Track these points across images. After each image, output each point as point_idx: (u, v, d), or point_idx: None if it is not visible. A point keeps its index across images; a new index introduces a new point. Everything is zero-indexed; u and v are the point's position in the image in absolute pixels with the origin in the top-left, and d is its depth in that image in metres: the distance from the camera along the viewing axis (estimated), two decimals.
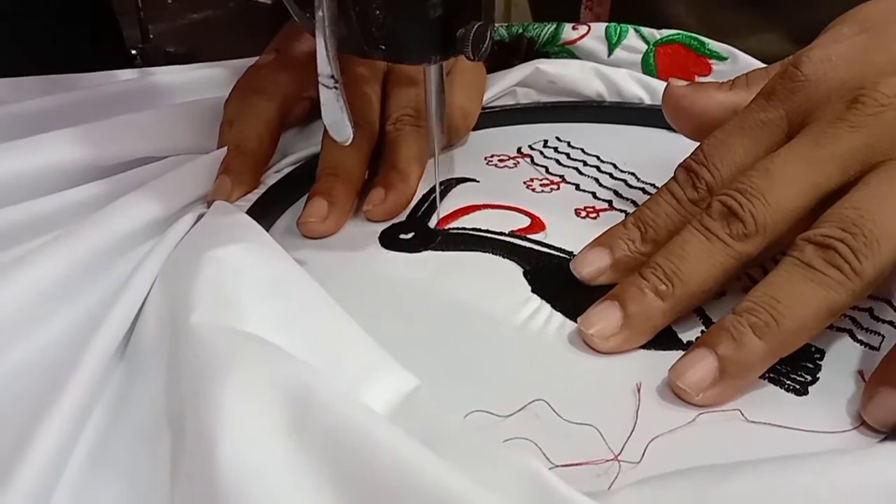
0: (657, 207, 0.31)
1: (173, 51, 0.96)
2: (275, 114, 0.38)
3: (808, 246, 0.26)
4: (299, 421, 0.21)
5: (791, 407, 0.26)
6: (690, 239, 0.28)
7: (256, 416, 0.22)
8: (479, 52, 0.31)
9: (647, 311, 0.28)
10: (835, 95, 0.28)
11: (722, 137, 0.31)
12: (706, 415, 0.25)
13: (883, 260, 0.26)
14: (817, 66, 0.29)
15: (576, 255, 0.32)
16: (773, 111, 0.30)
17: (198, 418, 0.22)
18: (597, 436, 0.24)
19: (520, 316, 0.30)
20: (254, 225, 0.32)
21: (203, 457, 0.21)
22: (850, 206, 0.26)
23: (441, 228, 0.36)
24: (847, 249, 0.25)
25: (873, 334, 0.29)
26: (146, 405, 0.27)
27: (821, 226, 0.26)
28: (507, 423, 0.25)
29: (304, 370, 0.23)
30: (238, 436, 0.21)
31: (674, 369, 0.26)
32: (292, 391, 0.22)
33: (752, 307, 0.26)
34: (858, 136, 0.27)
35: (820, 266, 0.26)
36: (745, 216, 0.27)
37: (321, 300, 0.28)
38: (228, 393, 0.22)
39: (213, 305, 0.27)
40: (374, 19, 0.29)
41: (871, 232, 0.25)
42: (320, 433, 0.21)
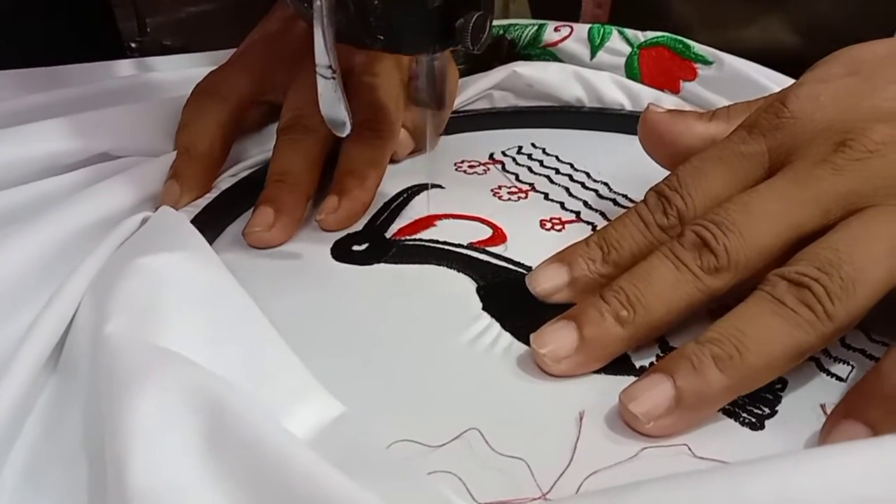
0: (623, 229, 0.29)
1: (171, 44, 0.96)
2: (228, 117, 0.37)
3: (782, 282, 0.25)
4: (213, 438, 0.21)
5: (744, 442, 0.24)
6: (659, 266, 0.27)
7: (168, 434, 0.21)
8: (479, 43, 0.30)
9: (604, 336, 0.26)
10: (821, 136, 0.27)
11: (699, 165, 0.29)
12: (651, 449, 0.24)
13: (856, 305, 0.24)
14: (804, 104, 0.28)
15: (533, 270, 0.30)
16: (754, 145, 0.29)
17: (111, 437, 0.21)
18: (528, 470, 0.23)
19: (467, 335, 0.29)
20: (193, 233, 0.31)
21: (116, 476, 0.20)
22: (828, 246, 0.25)
23: (396, 240, 0.34)
24: (821, 290, 0.24)
25: (842, 363, 0.27)
26: (72, 425, 0.25)
27: (796, 263, 0.25)
28: (437, 454, 0.23)
29: (218, 385, 0.22)
30: (149, 454, 0.20)
31: (626, 393, 0.24)
32: (207, 407, 0.21)
33: (717, 338, 0.24)
34: (843, 180, 0.26)
35: (791, 304, 0.24)
36: (718, 249, 0.26)
37: (252, 317, 0.27)
38: (141, 409, 0.21)
39: (133, 316, 0.25)
40: (373, 9, 0.29)
41: (847, 275, 0.24)
42: (233, 451, 0.20)
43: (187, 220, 0.33)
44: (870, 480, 0.18)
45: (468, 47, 0.30)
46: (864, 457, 0.18)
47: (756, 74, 0.42)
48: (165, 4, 0.90)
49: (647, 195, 0.30)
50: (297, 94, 0.36)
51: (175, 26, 0.92)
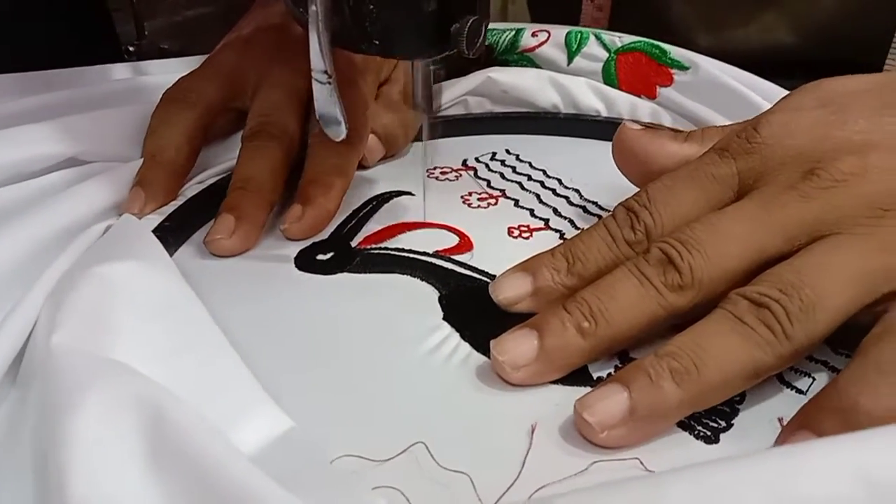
0: (590, 241, 0.29)
1: (168, 47, 0.95)
2: (195, 123, 0.36)
3: (743, 301, 0.25)
4: (155, 448, 0.21)
5: (698, 456, 0.24)
6: (623, 280, 0.27)
7: (110, 444, 0.21)
8: (474, 47, 0.30)
9: (565, 346, 0.26)
10: (790, 163, 0.28)
11: (669, 184, 0.29)
12: (601, 463, 0.23)
13: (815, 329, 0.24)
14: (776, 129, 0.29)
15: (496, 278, 0.30)
16: (725, 167, 0.29)
17: (52, 447, 0.21)
18: (470, 484, 0.22)
19: (426, 345, 0.28)
20: (153, 242, 0.31)
21: (56, 487, 0.20)
22: (790, 269, 0.25)
23: (361, 248, 0.34)
24: (781, 311, 0.24)
25: (803, 375, 0.27)
26: (28, 435, 0.25)
27: (759, 284, 0.25)
28: (383, 468, 0.23)
29: (162, 396, 0.22)
30: (89, 465, 0.20)
31: (581, 401, 0.24)
32: (149, 417, 0.21)
33: (675, 352, 0.24)
34: (809, 207, 0.26)
35: (752, 322, 0.24)
36: (682, 267, 0.26)
37: (205, 328, 0.27)
38: (82, 419, 0.21)
39: (81, 326, 0.25)
40: (368, 14, 0.29)
41: (807, 297, 0.24)
42: (175, 461, 0.20)
43: (148, 229, 0.32)
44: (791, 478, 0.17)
45: (464, 52, 0.30)
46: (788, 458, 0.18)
47: (731, 81, 0.42)
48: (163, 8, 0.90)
49: (616, 210, 0.30)
50: (263, 100, 0.36)
51: (173, 30, 0.91)
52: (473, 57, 0.30)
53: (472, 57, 0.30)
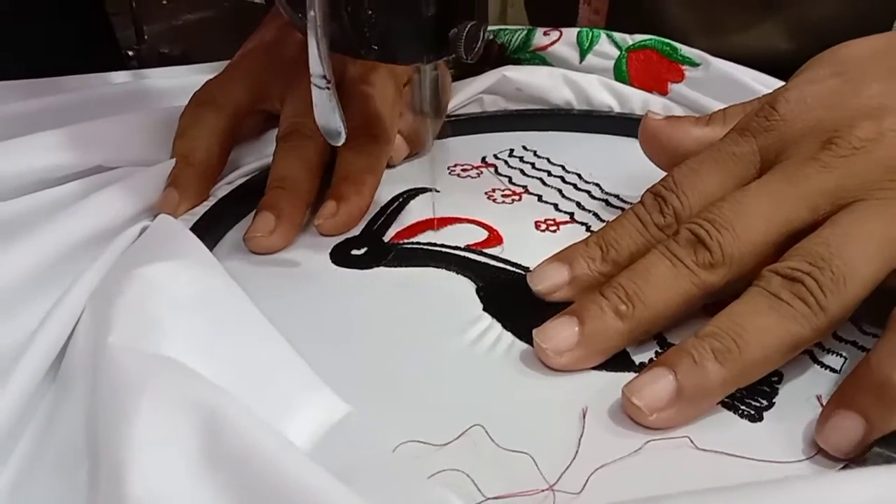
0: (621, 229, 0.30)
1: (168, 52, 0.95)
2: (225, 125, 0.37)
3: (776, 277, 0.26)
4: (209, 448, 0.21)
5: (744, 434, 0.25)
6: (656, 262, 0.28)
7: (166, 444, 0.21)
8: (472, 52, 0.30)
9: (604, 330, 0.27)
10: (809, 136, 0.28)
11: (694, 167, 0.30)
12: (654, 442, 0.24)
13: (848, 298, 0.25)
14: (793, 105, 0.29)
15: (533, 269, 0.31)
16: (745, 146, 0.30)
17: (108, 446, 0.21)
18: (532, 463, 0.23)
19: (468, 335, 0.29)
20: (193, 240, 0.31)
21: (112, 487, 0.20)
22: (819, 241, 0.26)
23: (394, 243, 0.35)
24: (814, 284, 0.25)
25: (835, 355, 0.28)
26: (69, 433, 0.25)
27: (789, 259, 0.26)
28: (442, 452, 0.24)
29: (217, 396, 0.22)
30: (146, 463, 0.20)
31: (629, 386, 0.25)
32: (204, 417, 0.21)
33: (716, 332, 0.25)
34: (830, 176, 0.27)
35: (786, 298, 0.25)
36: (712, 246, 0.27)
37: (254, 321, 0.27)
38: (139, 420, 0.21)
39: (133, 326, 0.26)
40: (366, 19, 0.29)
41: (838, 268, 0.25)
42: (230, 462, 0.20)
43: (186, 228, 0.33)
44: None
45: (462, 57, 0.30)
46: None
47: (742, 76, 0.43)
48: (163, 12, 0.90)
49: (644, 196, 0.31)
50: (296, 101, 0.37)
51: (172, 34, 0.91)
52: (472, 62, 0.31)
53: (470, 62, 0.31)
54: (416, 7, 0.29)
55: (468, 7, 0.30)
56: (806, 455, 0.24)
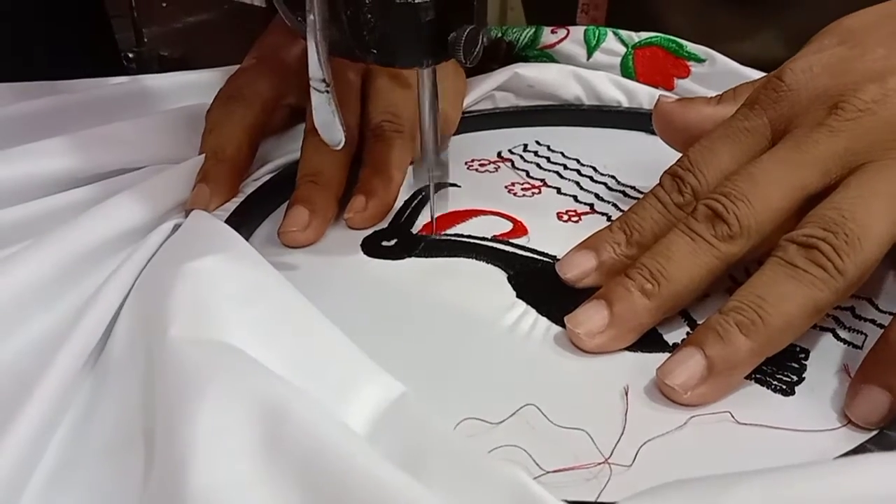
0: (643, 212, 0.31)
1: (168, 54, 0.95)
2: (253, 120, 0.37)
3: (791, 246, 0.27)
4: (273, 439, 0.21)
5: (779, 407, 0.26)
6: (676, 240, 0.29)
7: (230, 434, 0.21)
8: (471, 56, 0.31)
9: (633, 309, 0.28)
10: (816, 103, 0.29)
11: (707, 145, 0.31)
12: (697, 417, 0.25)
13: (865, 258, 0.26)
14: (799, 75, 0.30)
15: (561, 258, 0.32)
16: (756, 119, 0.31)
17: (170, 435, 0.22)
18: (587, 440, 0.24)
19: (506, 321, 0.30)
20: (232, 234, 0.31)
21: (173, 474, 0.20)
22: (831, 206, 0.27)
23: (423, 234, 0.36)
24: (829, 248, 0.26)
25: (856, 333, 0.29)
26: (113, 421, 0.26)
27: (803, 226, 0.27)
28: (498, 430, 0.25)
29: (280, 386, 0.22)
30: (210, 454, 0.20)
31: (662, 368, 0.26)
32: (267, 408, 0.22)
33: (738, 306, 0.26)
34: (838, 139, 0.28)
35: (803, 265, 0.26)
36: (729, 218, 0.28)
37: (304, 308, 0.28)
38: (203, 409, 0.22)
39: (191, 318, 0.26)
40: (366, 23, 0.29)
41: (852, 231, 0.26)
42: (294, 453, 0.21)
43: (222, 222, 0.33)
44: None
45: (460, 61, 0.30)
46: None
47: (747, 72, 0.45)
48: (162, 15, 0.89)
49: (662, 178, 0.32)
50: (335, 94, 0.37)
51: (172, 37, 0.91)
52: (471, 66, 0.31)
53: (469, 66, 0.31)
54: (415, 11, 0.29)
55: (467, 11, 0.30)
56: (839, 424, 0.25)
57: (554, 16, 0.59)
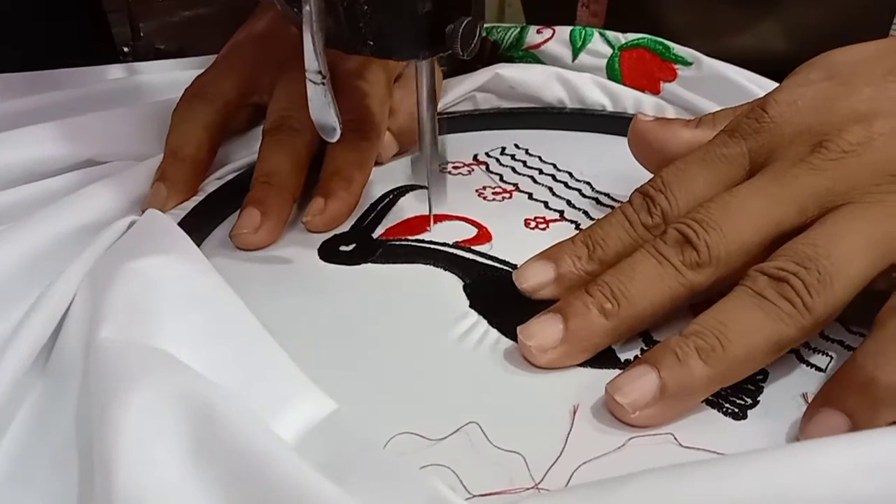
0: (609, 227, 0.30)
1: (164, 48, 0.95)
2: (214, 119, 0.37)
3: (762, 277, 0.26)
4: (200, 443, 0.21)
5: (728, 431, 0.25)
6: (642, 261, 0.28)
7: (156, 438, 0.21)
8: (469, 49, 0.30)
9: (589, 327, 0.27)
10: (798, 139, 0.28)
11: (682, 167, 0.30)
12: (637, 439, 0.24)
13: (835, 298, 0.25)
14: (783, 108, 0.29)
15: (519, 267, 0.31)
16: (735, 147, 0.30)
17: (100, 439, 0.21)
18: (523, 462, 0.23)
19: (454, 332, 0.29)
20: (181, 235, 0.31)
21: (102, 481, 0.20)
22: (806, 242, 0.26)
23: (383, 240, 0.35)
24: (800, 284, 0.25)
25: (822, 354, 0.28)
26: (63, 426, 0.25)
27: (776, 259, 0.26)
28: (436, 447, 0.24)
29: (209, 390, 0.22)
30: (136, 458, 0.20)
31: (612, 384, 0.25)
32: (194, 411, 0.21)
33: (700, 330, 0.25)
34: (819, 179, 0.27)
35: (772, 297, 0.25)
36: (699, 245, 0.27)
37: (242, 318, 0.27)
38: (130, 413, 0.21)
39: (125, 320, 0.26)
40: (362, 14, 0.29)
41: (825, 269, 0.25)
42: (220, 456, 0.20)
43: (174, 223, 0.33)
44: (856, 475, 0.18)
45: (458, 53, 0.30)
46: (850, 451, 0.19)
47: (734, 75, 0.43)
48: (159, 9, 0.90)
49: (633, 196, 0.31)
50: (283, 94, 0.37)
51: (168, 30, 0.91)
52: (468, 58, 0.31)
53: (466, 58, 0.31)
54: (412, 3, 0.29)
55: (464, 3, 0.30)
56: None
57: (554, 11, 0.58)
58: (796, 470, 0.19)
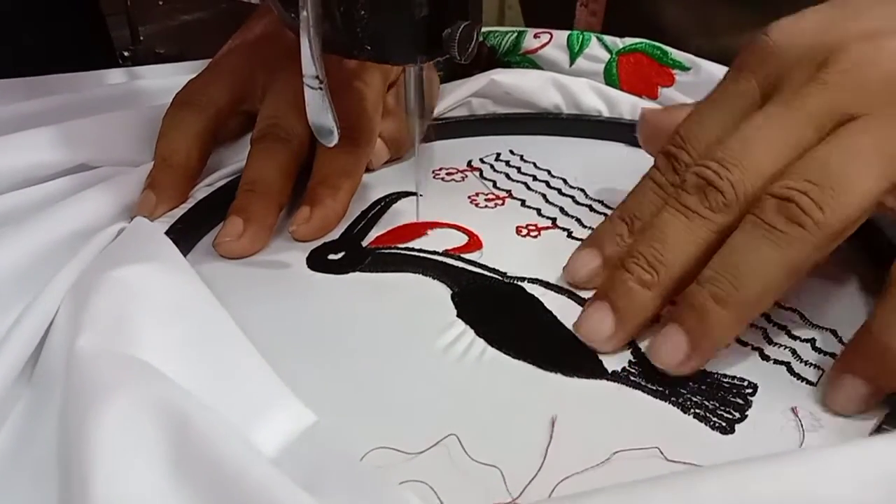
0: (641, 196, 0.30)
1: (164, 52, 0.96)
2: (205, 127, 0.36)
3: (770, 201, 0.25)
4: (177, 453, 0.21)
5: (715, 445, 0.24)
6: (669, 220, 0.28)
7: (133, 448, 0.21)
8: (466, 53, 0.30)
9: (636, 304, 0.27)
10: (804, 60, 0.28)
11: (696, 117, 0.30)
12: (622, 453, 0.24)
13: (848, 212, 0.25)
14: (786, 32, 0.29)
15: (567, 262, 0.31)
16: (744, 82, 0.29)
17: (76, 449, 0.21)
18: (501, 477, 0.23)
19: (441, 342, 0.29)
20: (167, 243, 0.31)
21: (79, 491, 0.20)
22: (816, 157, 0.26)
23: (372, 248, 0.34)
24: (809, 201, 0.25)
25: (813, 367, 0.27)
26: (45, 439, 0.25)
27: (786, 178, 0.26)
28: (412, 462, 0.23)
29: (185, 400, 0.22)
30: (112, 467, 0.20)
31: (649, 349, 0.26)
32: (173, 422, 0.21)
33: (713, 276, 0.26)
34: (830, 93, 0.27)
35: (780, 225, 0.25)
36: (723, 185, 0.27)
37: (225, 327, 0.27)
38: (106, 422, 0.21)
39: (104, 329, 0.25)
40: (359, 19, 0.29)
41: (837, 182, 0.25)
42: (197, 467, 0.20)
43: (161, 231, 0.33)
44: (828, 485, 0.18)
45: (455, 57, 0.30)
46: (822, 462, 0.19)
47: None
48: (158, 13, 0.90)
49: (657, 158, 0.31)
50: (272, 102, 0.36)
51: (167, 35, 0.92)
52: (465, 62, 0.31)
53: (463, 63, 0.31)
54: (409, 7, 0.29)
55: (462, 7, 0.30)
56: None
57: (553, 10, 0.58)
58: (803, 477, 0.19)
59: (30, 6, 0.62)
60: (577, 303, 0.30)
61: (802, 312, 0.30)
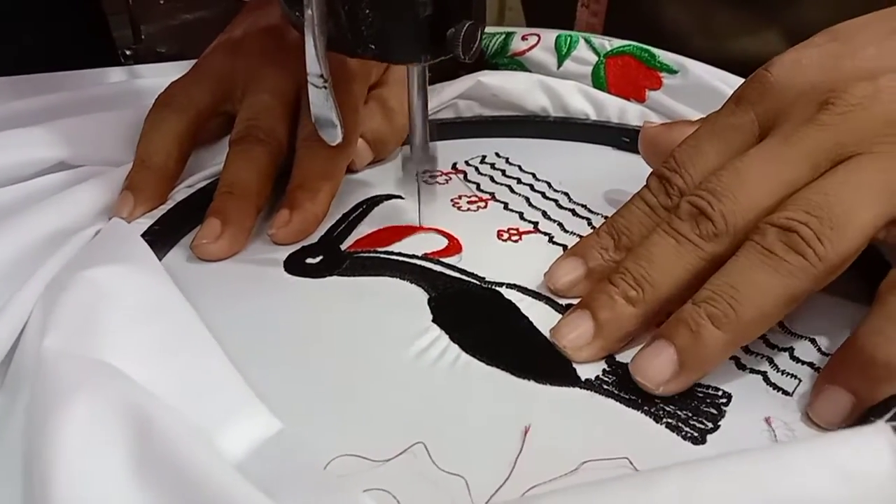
0: (630, 215, 0.30)
1: (165, 51, 0.96)
2: (185, 128, 0.36)
3: (771, 230, 0.25)
4: (139, 456, 0.21)
5: (685, 456, 0.24)
6: (659, 242, 0.28)
7: (95, 450, 0.21)
8: (470, 52, 0.30)
9: (618, 318, 0.27)
10: (804, 98, 0.28)
11: (693, 143, 0.30)
12: (591, 463, 0.23)
13: (847, 246, 0.25)
14: (787, 69, 0.29)
15: (549, 268, 0.31)
16: (742, 115, 0.29)
17: (38, 451, 0.21)
18: (465, 486, 0.22)
19: (415, 347, 0.28)
20: (141, 245, 0.31)
21: (40, 493, 0.20)
22: (816, 190, 0.26)
23: (350, 252, 0.34)
24: (810, 233, 0.25)
25: (790, 377, 0.27)
26: (12, 441, 0.25)
27: (786, 209, 0.26)
28: (378, 470, 0.23)
29: (150, 404, 0.22)
30: (73, 470, 0.20)
31: (634, 364, 0.26)
32: (135, 425, 0.21)
33: (710, 296, 0.25)
34: (828, 134, 0.27)
35: (781, 252, 0.25)
36: (714, 215, 0.27)
37: (194, 331, 0.27)
38: (68, 424, 0.21)
39: (72, 330, 0.25)
40: (364, 18, 0.29)
41: (837, 217, 0.25)
42: (158, 470, 0.20)
43: (136, 233, 0.32)
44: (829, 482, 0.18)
45: (459, 56, 0.30)
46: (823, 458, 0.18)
47: (720, 84, 0.42)
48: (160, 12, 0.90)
49: (649, 179, 0.31)
50: (251, 104, 0.36)
51: (169, 34, 0.92)
52: (469, 62, 0.31)
53: (468, 62, 0.31)
54: (414, 6, 0.29)
55: (465, 6, 0.30)
56: None
57: (554, 11, 0.58)
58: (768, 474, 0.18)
59: (31, 6, 0.62)
60: (554, 309, 0.30)
61: (781, 320, 0.29)
